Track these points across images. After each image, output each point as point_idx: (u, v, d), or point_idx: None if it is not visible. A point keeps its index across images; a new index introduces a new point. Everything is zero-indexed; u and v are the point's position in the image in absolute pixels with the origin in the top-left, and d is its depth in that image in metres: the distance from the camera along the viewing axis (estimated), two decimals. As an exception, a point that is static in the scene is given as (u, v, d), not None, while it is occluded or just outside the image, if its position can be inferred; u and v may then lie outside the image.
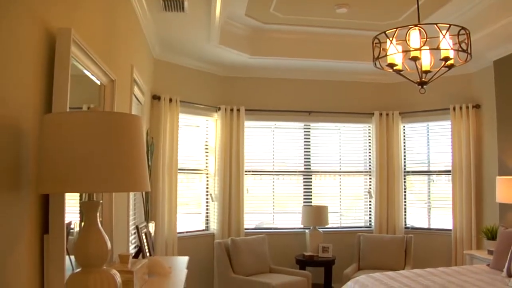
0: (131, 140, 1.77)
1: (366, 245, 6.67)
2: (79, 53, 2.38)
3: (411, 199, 7.47)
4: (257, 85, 7.19)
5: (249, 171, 7.15)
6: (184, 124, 6.68)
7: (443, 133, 7.09)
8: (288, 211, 7.44)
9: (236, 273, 5.91)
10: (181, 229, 6.39)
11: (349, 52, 6.49)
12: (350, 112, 7.37)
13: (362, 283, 4.63)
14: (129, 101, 4.20)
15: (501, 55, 5.94)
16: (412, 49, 3.73)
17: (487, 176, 6.48)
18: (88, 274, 1.82)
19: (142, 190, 1.83)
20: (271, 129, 7.36)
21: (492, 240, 5.71)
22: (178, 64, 6.47)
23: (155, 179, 5.89)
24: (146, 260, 3.13)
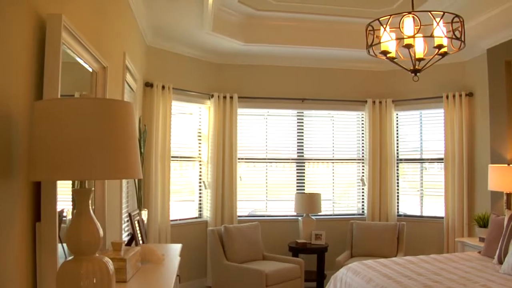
0: (122, 127, 1.76)
1: (358, 233, 6.69)
2: (70, 40, 2.35)
3: (404, 186, 7.49)
4: (250, 73, 7.17)
5: (242, 159, 7.15)
6: (177, 111, 6.65)
7: (436, 121, 7.10)
8: (281, 198, 7.46)
9: (229, 261, 5.93)
10: (174, 216, 6.40)
11: (342, 40, 6.46)
12: (343, 99, 7.36)
13: (355, 270, 4.65)
14: (121, 88, 4.17)
15: (495, 43, 5.94)
16: (405, 37, 3.72)
17: (479, 164, 6.51)
18: (80, 261, 1.81)
19: (134, 177, 1.82)
20: (264, 117, 7.35)
21: (484, 228, 5.75)
22: (171, 51, 6.43)
23: (148, 166, 5.88)
24: (139, 248, 3.12)
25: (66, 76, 2.28)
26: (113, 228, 3.90)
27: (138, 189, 5.30)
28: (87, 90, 3.08)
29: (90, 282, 1.80)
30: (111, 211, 3.65)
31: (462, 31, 3.77)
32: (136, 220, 4.11)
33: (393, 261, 4.90)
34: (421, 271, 4.40)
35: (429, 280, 4.03)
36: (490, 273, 4.28)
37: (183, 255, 3.94)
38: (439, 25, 3.66)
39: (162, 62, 6.35)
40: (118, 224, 4.17)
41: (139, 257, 3.04)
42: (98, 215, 3.07)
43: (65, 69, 2.18)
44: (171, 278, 2.82)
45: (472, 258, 4.99)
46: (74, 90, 2.89)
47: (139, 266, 3.04)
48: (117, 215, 4.14)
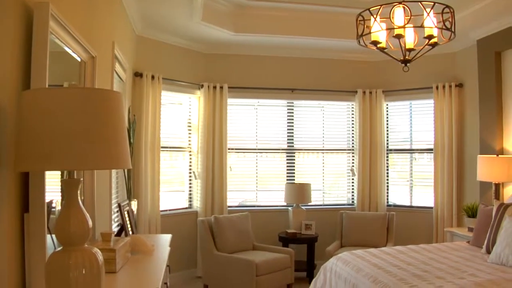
0: (111, 117, 1.74)
1: (348, 223, 6.72)
2: (58, 29, 2.33)
3: (394, 177, 7.52)
4: (240, 63, 7.14)
5: (232, 149, 7.14)
6: (167, 101, 6.63)
7: (425, 111, 7.12)
8: (271, 188, 7.46)
9: (219, 251, 5.93)
10: (164, 207, 6.39)
11: (333, 30, 6.45)
12: (333, 90, 7.36)
13: (345, 260, 4.67)
14: (110, 78, 4.14)
15: (485, 34, 5.95)
16: (396, 27, 3.72)
17: (468, 155, 6.54)
18: (69, 252, 1.80)
19: (123, 167, 1.81)
20: (254, 107, 7.34)
21: (473, 218, 5.79)
22: (161, 41, 6.39)
23: (138, 156, 5.86)
24: (129, 238, 3.11)
25: (55, 66, 2.26)
26: (103, 219, 3.88)
27: (128, 180, 5.28)
28: (76, 80, 3.06)
29: (79, 273, 1.79)
30: (100, 201, 3.63)
31: (452, 21, 3.77)
32: (125, 211, 4.10)
33: (382, 251, 4.92)
34: (410, 260, 4.43)
35: (418, 270, 4.05)
36: (478, 262, 4.32)
37: (173, 245, 3.94)
38: (430, 16, 3.66)
39: (152, 52, 6.31)
40: (107, 214, 4.15)
41: (128, 247, 3.03)
42: (87, 205, 3.06)
43: (53, 59, 2.15)
44: (160, 269, 2.82)
45: (461, 247, 5.03)
46: (63, 80, 2.87)
47: (129, 257, 3.03)
48: (107, 206, 4.13)
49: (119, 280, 2.57)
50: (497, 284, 3.57)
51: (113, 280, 2.53)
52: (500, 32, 5.69)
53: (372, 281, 3.97)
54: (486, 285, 3.55)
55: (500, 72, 5.86)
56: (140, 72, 6.02)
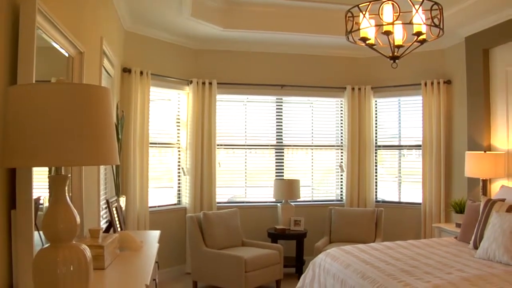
0: (99, 112, 1.73)
1: (337, 218, 6.74)
2: (46, 24, 2.31)
3: (382, 173, 7.55)
4: (230, 59, 7.13)
5: (221, 145, 7.14)
6: (156, 97, 6.60)
7: (414, 108, 7.16)
8: (260, 185, 7.46)
9: (208, 247, 5.93)
10: (153, 203, 6.37)
11: (322, 26, 6.45)
12: (322, 86, 7.37)
13: (333, 256, 4.68)
14: (98, 74, 4.12)
15: (473, 31, 5.98)
16: (385, 23, 3.72)
17: (456, 151, 6.58)
18: (57, 249, 1.80)
19: (111, 163, 1.80)
20: (243, 103, 7.33)
21: (460, 214, 5.83)
22: (149, 37, 6.36)
23: (126, 153, 5.84)
24: (117, 235, 3.10)
25: (42, 61, 2.24)
26: (91, 215, 3.86)
27: (116, 176, 5.26)
28: (64, 76, 3.03)
29: (67, 269, 1.78)
30: (88, 198, 3.62)
31: (441, 18, 3.78)
32: (114, 207, 4.08)
33: (371, 246, 4.94)
34: (398, 256, 4.45)
35: (407, 265, 4.08)
36: (466, 258, 4.35)
37: (162, 242, 3.93)
38: (418, 12, 3.67)
39: (141, 48, 6.28)
40: (96, 211, 4.14)
41: (117, 244, 3.02)
42: (75, 202, 3.04)
43: (40, 54, 2.14)
44: (149, 265, 2.81)
45: (448, 243, 5.06)
46: (50, 75, 2.85)
47: (117, 253, 3.02)
48: (95, 202, 4.11)
49: (108, 276, 2.56)
50: (484, 279, 3.60)
51: (102, 277, 2.52)
52: (488, 29, 5.73)
53: (360, 276, 3.99)
54: (474, 280, 3.58)
55: (488, 69, 5.90)
56: (128, 67, 5.99)
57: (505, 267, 3.96)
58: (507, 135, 5.61)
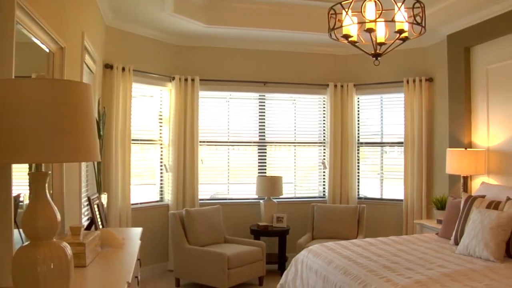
0: (80, 109, 1.72)
1: (319, 215, 6.76)
2: (25, 18, 2.28)
3: (364, 170, 7.59)
4: (212, 55, 7.10)
5: (204, 142, 7.11)
6: (138, 93, 6.55)
7: (396, 105, 7.20)
8: (243, 181, 7.46)
9: (191, 244, 5.92)
10: (135, 200, 6.34)
11: (304, 23, 6.45)
12: (305, 83, 7.38)
13: (316, 252, 4.70)
14: (79, 69, 4.08)
15: (455, 29, 6.03)
16: (367, 21, 3.73)
17: (438, 148, 6.64)
18: (37, 247, 1.78)
19: (92, 160, 1.79)
20: (226, 100, 7.31)
21: (442, 210, 5.88)
22: (132, 32, 6.31)
23: (108, 149, 5.80)
24: (99, 232, 3.08)
25: (22, 56, 2.21)
26: (72, 213, 3.83)
27: (98, 173, 5.22)
28: (44, 71, 3.00)
29: (47, 267, 1.77)
30: (69, 195, 3.59)
31: (423, 16, 3.80)
32: (95, 204, 4.05)
33: (353, 243, 4.97)
34: (380, 252, 4.48)
35: (388, 261, 4.11)
36: (446, 253, 4.39)
37: (144, 239, 3.92)
38: (401, 10, 3.69)
39: (123, 44, 6.23)
40: (77, 208, 4.11)
41: (98, 241, 3.00)
42: (56, 199, 3.02)
43: (20, 49, 2.11)
44: (131, 262, 2.80)
45: (429, 239, 5.11)
46: (30, 71, 2.82)
47: (99, 251, 3.00)
48: (76, 199, 4.08)
49: (89, 274, 2.54)
50: (464, 275, 3.64)
51: (83, 274, 2.50)
52: (470, 27, 5.78)
53: (342, 273, 4.01)
54: (454, 275, 3.61)
55: (469, 67, 5.96)
56: (110, 63, 5.94)
57: (485, 263, 4.01)
58: (487, 132, 5.67)
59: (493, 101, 5.60)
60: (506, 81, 5.41)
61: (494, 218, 4.24)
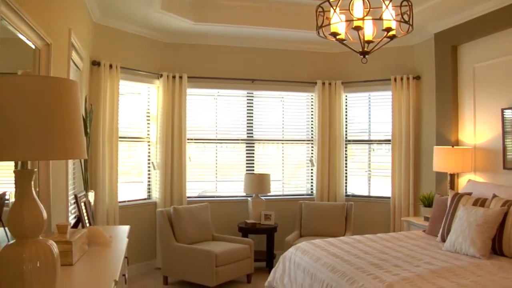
0: (66, 106, 1.70)
1: (307, 213, 6.77)
2: (10, 14, 2.25)
3: (352, 167, 7.61)
4: (200, 52, 7.08)
5: (192, 139, 7.10)
6: (125, 91, 6.52)
7: (384, 103, 7.23)
8: (231, 179, 7.45)
9: (179, 242, 5.90)
10: (123, 198, 6.31)
11: (293, 21, 6.46)
12: (293, 81, 7.38)
13: (304, 250, 4.71)
14: (66, 66, 4.05)
15: (442, 28, 6.06)
16: (355, 19, 3.74)
17: (425, 146, 6.67)
18: (23, 245, 1.76)
19: (78, 157, 1.77)
20: (214, 97, 7.29)
21: (429, 207, 5.92)
22: (119, 29, 6.27)
23: (95, 147, 5.76)
24: (86, 230, 3.06)
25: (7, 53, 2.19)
26: (59, 211, 3.81)
27: (85, 170, 5.18)
28: (31, 68, 2.98)
29: (33, 266, 1.75)
30: (56, 193, 3.56)
31: (410, 14, 3.81)
32: (82, 202, 4.03)
33: (341, 240, 4.98)
34: (368, 249, 4.50)
35: (376, 259, 4.13)
36: (433, 250, 4.42)
37: (132, 237, 3.90)
38: (388, 8, 3.70)
39: (110, 41, 6.19)
40: (64, 206, 4.08)
41: (85, 239, 2.98)
42: (43, 197, 2.99)
43: (5, 46, 2.09)
44: (118, 260, 2.78)
45: (417, 236, 5.14)
46: (16, 68, 2.79)
47: (86, 249, 2.98)
48: (63, 197, 4.05)
49: (76, 272, 2.53)
50: (451, 271, 3.67)
51: (70, 273, 2.48)
52: (457, 26, 5.81)
53: (330, 270, 4.02)
54: (441, 272, 3.64)
55: (456, 65, 6.00)
56: (97, 60, 5.91)
57: (471, 259, 4.05)
58: (474, 130, 5.71)
59: (480, 99, 5.64)
60: (492, 79, 5.45)
61: (481, 215, 4.27)
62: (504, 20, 5.10)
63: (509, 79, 5.20)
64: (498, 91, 5.36)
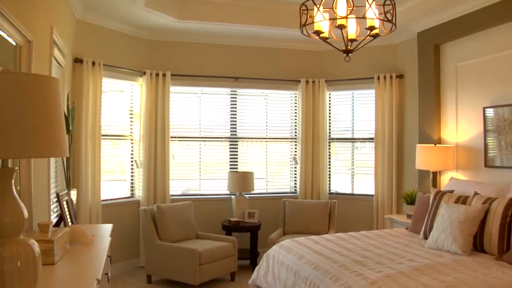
0: (47, 103, 1.68)
1: (291, 210, 6.78)
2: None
3: (335, 165, 7.64)
4: (184, 50, 7.06)
5: (175, 137, 7.07)
6: (108, 88, 6.47)
7: (367, 101, 7.26)
8: (215, 177, 7.44)
9: (162, 240, 5.88)
10: (106, 196, 6.26)
11: (276, 19, 6.46)
12: (277, 79, 7.39)
13: (287, 247, 4.72)
14: (48, 63, 4.00)
15: (425, 27, 6.10)
16: (338, 17, 3.75)
17: (407, 144, 6.72)
18: (3, 244, 1.75)
19: (59, 155, 1.76)
20: (198, 95, 7.27)
21: (411, 205, 5.97)
22: (102, 26, 6.22)
23: (78, 145, 5.72)
24: (68, 229, 3.03)
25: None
26: (41, 209, 3.77)
27: (67, 169, 5.14)
28: (11, 65, 2.94)
29: (14, 265, 1.74)
30: (38, 191, 3.53)
31: (393, 13, 3.83)
32: (64, 201, 3.99)
33: (324, 238, 5.00)
34: (351, 247, 4.52)
35: (359, 256, 4.15)
36: (416, 248, 4.46)
37: (115, 235, 3.87)
38: (372, 7, 3.71)
39: (93, 38, 6.13)
40: (45, 204, 4.04)
41: (67, 238, 2.96)
42: (24, 195, 2.96)
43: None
44: (101, 259, 2.76)
45: (399, 234, 5.18)
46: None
47: (68, 248, 2.95)
48: (45, 196, 4.01)
49: (58, 271, 2.50)
50: (433, 268, 3.70)
51: (51, 272, 2.46)
52: (440, 25, 5.86)
53: (314, 267, 4.03)
54: (423, 269, 3.67)
55: (439, 64, 6.05)
56: (80, 58, 5.85)
57: (453, 256, 4.09)
58: (456, 128, 5.77)
59: (462, 98, 5.69)
60: (474, 78, 5.50)
61: (462, 212, 4.32)
62: (485, 19, 5.15)
63: (490, 78, 5.26)
64: (480, 90, 5.41)
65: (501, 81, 5.11)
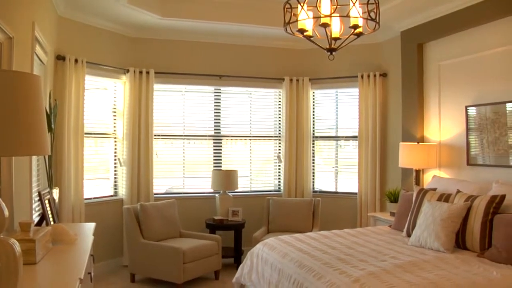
0: (29, 101, 1.66)
1: (275, 209, 6.79)
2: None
3: (319, 163, 7.66)
4: (168, 48, 7.02)
5: (159, 135, 7.04)
6: (91, 86, 6.42)
7: (351, 99, 7.29)
8: (199, 175, 7.42)
9: (146, 239, 5.85)
10: (88, 195, 6.21)
11: (260, 17, 6.46)
12: (261, 77, 7.39)
13: (271, 245, 4.72)
14: (30, 60, 3.96)
15: (408, 26, 6.14)
16: (322, 16, 3.76)
17: (391, 142, 6.76)
18: (-17, 244, 1.72)
19: (41, 154, 1.74)
20: (182, 93, 7.24)
21: (395, 203, 6.01)
22: (85, 23, 6.16)
23: (60, 143, 5.66)
24: (50, 228, 3.00)
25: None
26: (22, 208, 3.73)
27: (49, 167, 5.09)
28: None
29: (-6, 265, 1.71)
30: (19, 190, 3.49)
31: (377, 12, 3.85)
32: (46, 199, 3.95)
33: (308, 236, 5.01)
34: (335, 245, 4.54)
35: (343, 254, 4.16)
36: (399, 245, 4.49)
37: (98, 234, 3.85)
38: (355, 6, 3.72)
39: (75, 35, 6.08)
40: (27, 203, 4.00)
41: (49, 237, 2.93)
42: (5, 194, 2.93)
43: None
44: (84, 258, 2.74)
45: (383, 232, 5.21)
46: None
47: (50, 247, 2.93)
48: (27, 194, 3.97)
49: (39, 271, 2.48)
50: (416, 265, 3.73)
51: (33, 272, 2.44)
52: (423, 24, 5.89)
53: (297, 265, 4.04)
54: (406, 266, 3.70)
55: (422, 63, 6.09)
56: (62, 55, 5.80)
57: (436, 253, 4.12)
58: (439, 127, 5.81)
59: (445, 96, 5.74)
60: (457, 77, 5.55)
61: (445, 210, 4.35)
62: (468, 19, 5.19)
63: (473, 77, 5.31)
64: (462, 89, 5.46)
65: (483, 80, 5.16)
